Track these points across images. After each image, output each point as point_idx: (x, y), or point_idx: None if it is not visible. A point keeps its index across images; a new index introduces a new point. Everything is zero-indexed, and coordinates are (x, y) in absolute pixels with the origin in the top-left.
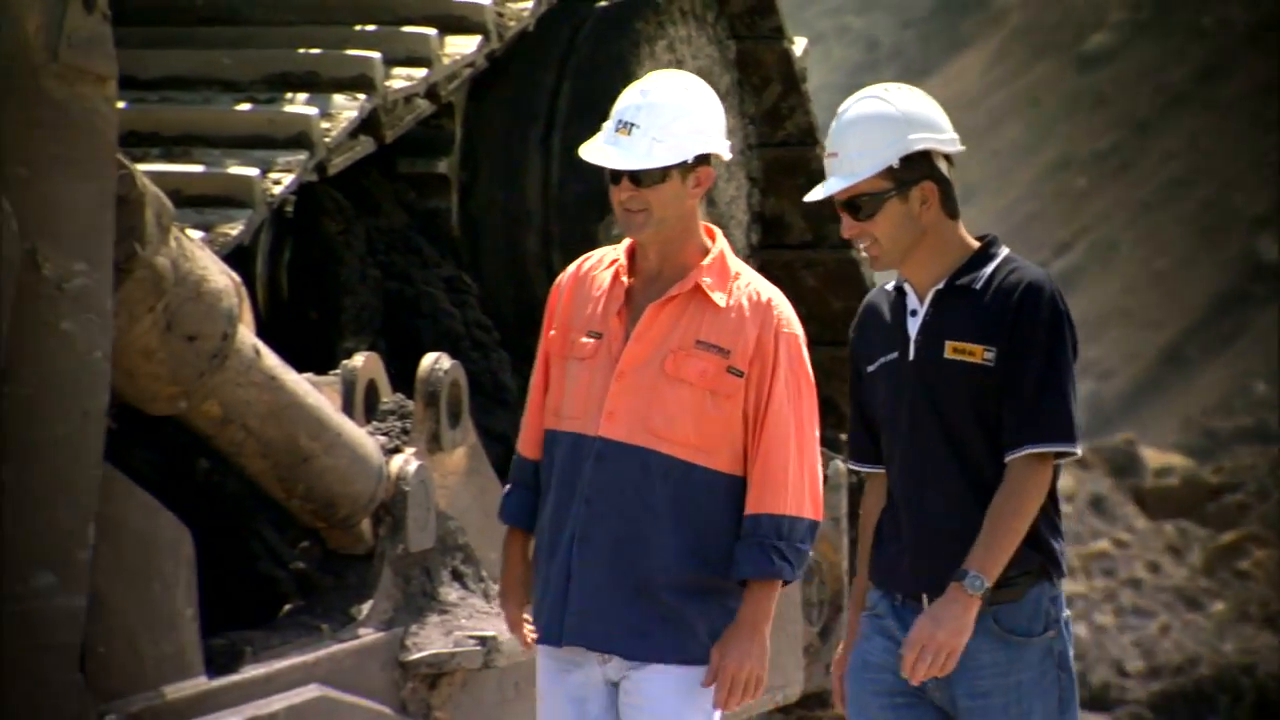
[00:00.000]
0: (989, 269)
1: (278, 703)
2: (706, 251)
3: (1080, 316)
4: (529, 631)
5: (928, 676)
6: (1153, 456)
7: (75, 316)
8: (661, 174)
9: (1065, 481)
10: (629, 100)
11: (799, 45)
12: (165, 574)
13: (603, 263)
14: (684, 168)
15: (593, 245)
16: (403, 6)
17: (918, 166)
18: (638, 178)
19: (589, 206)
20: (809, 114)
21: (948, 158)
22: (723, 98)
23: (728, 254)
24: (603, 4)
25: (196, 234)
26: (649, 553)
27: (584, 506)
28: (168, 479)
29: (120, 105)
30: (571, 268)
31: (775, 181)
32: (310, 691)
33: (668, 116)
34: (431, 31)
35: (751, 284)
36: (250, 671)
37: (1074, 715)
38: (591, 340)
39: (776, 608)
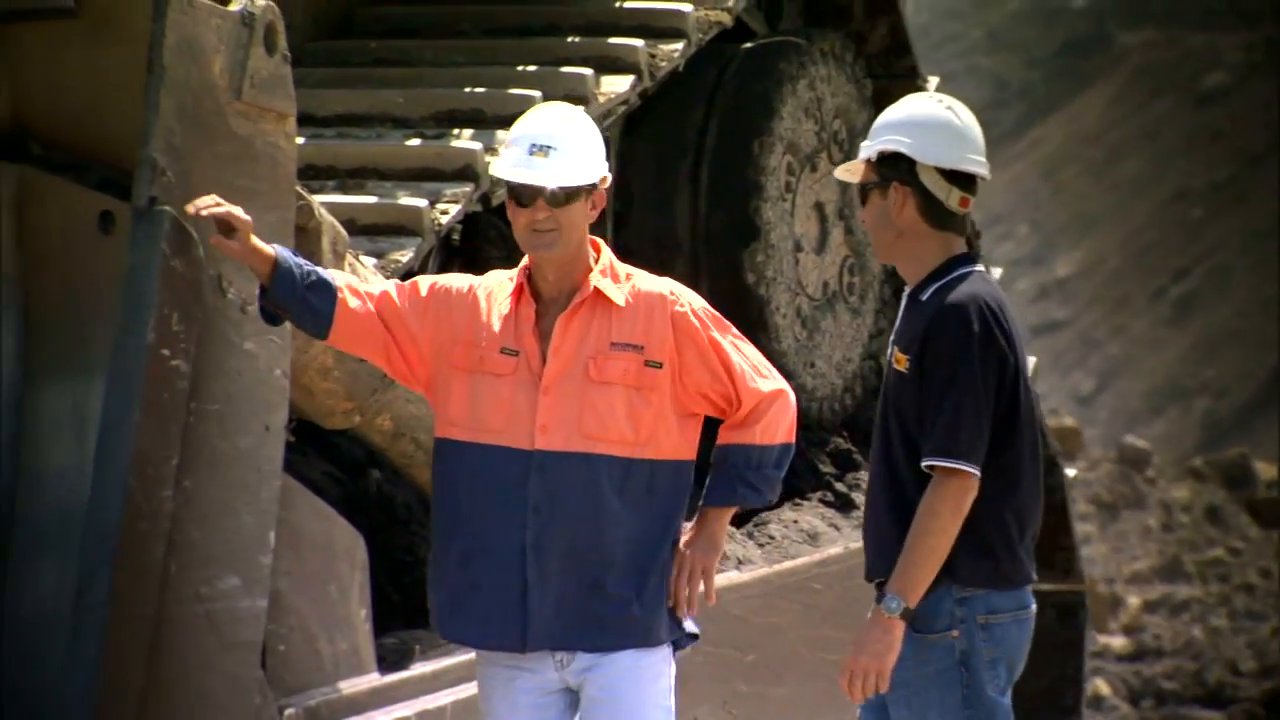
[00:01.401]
0: (940, 283)
1: (445, 698)
2: (595, 263)
3: (1196, 338)
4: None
5: (865, 697)
6: (1265, 469)
7: (257, 338)
8: (574, 194)
9: (1182, 493)
10: (541, 126)
11: (932, 83)
12: (341, 577)
13: (501, 287)
14: (589, 189)
15: (738, 272)
16: (562, 48)
17: (894, 167)
18: (554, 199)
19: (734, 235)
20: None
21: (949, 173)
22: (860, 133)
23: (614, 260)
24: (748, 45)
25: (369, 260)
26: (602, 549)
27: (533, 516)
28: (343, 489)
29: (299, 141)
30: (461, 282)
31: None
32: (475, 687)
33: (578, 140)
34: (588, 72)
35: (645, 282)
36: (419, 669)
37: (986, 713)
38: (507, 357)
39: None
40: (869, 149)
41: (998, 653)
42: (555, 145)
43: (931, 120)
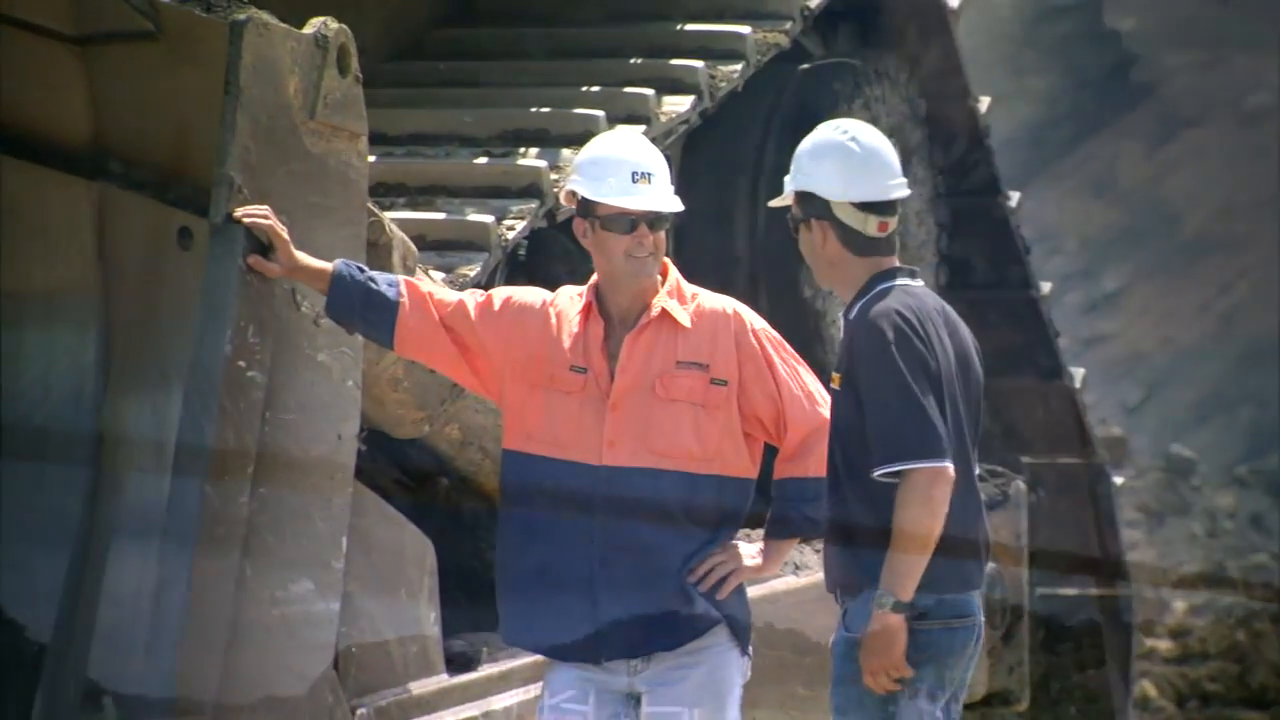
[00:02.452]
0: (861, 301)
1: (511, 698)
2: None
3: (1240, 350)
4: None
5: (887, 688)
6: None
7: (330, 349)
8: (668, 218)
9: (1227, 500)
10: (634, 153)
11: (983, 103)
12: (411, 582)
13: (570, 304)
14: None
15: (796, 288)
16: (625, 70)
17: (811, 204)
18: (656, 223)
19: (791, 250)
20: (992, 166)
21: (864, 204)
22: (913, 151)
23: (681, 280)
24: (805, 66)
25: (438, 275)
26: (666, 558)
27: (600, 531)
28: (412, 496)
29: (371, 159)
30: (534, 297)
31: (961, 227)
32: (540, 688)
33: (663, 166)
34: (650, 92)
35: (710, 301)
36: (486, 670)
37: (896, 717)
38: (576, 374)
39: None
40: (789, 185)
41: (922, 657)
42: (653, 171)
43: (832, 154)
